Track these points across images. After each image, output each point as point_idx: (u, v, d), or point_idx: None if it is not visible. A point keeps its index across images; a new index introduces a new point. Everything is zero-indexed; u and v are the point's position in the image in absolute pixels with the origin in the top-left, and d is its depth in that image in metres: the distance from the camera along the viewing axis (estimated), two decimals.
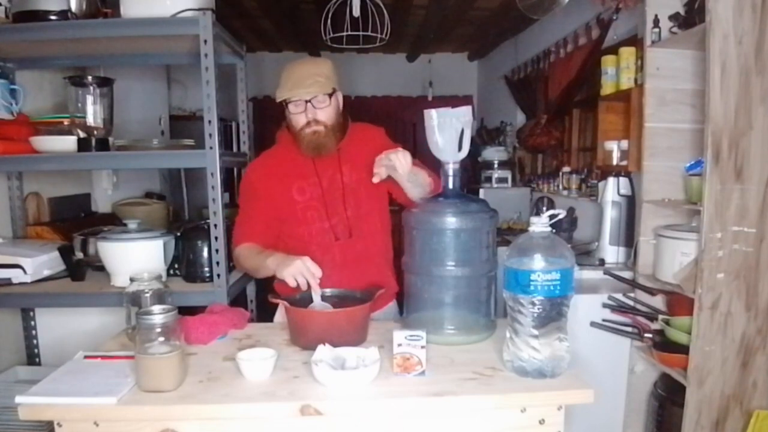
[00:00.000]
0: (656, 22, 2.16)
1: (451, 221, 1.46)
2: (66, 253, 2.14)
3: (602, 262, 2.70)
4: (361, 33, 3.39)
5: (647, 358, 2.22)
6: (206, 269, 2.02)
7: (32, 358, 2.38)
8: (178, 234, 2.08)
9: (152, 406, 1.17)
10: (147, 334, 1.21)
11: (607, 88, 2.76)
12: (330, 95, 1.69)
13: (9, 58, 2.24)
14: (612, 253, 2.72)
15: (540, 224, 1.29)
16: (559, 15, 2.96)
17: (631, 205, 2.67)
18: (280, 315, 1.85)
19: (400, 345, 1.28)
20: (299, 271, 1.51)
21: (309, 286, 1.52)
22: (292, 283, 1.52)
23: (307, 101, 1.66)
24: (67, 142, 1.95)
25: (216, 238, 1.89)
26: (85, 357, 1.40)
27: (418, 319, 1.51)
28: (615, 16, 3.18)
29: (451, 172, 1.52)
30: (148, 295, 1.50)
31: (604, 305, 2.28)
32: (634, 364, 2.31)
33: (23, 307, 2.32)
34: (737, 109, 1.78)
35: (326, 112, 1.69)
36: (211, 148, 1.85)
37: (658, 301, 2.26)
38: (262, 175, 1.80)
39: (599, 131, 2.95)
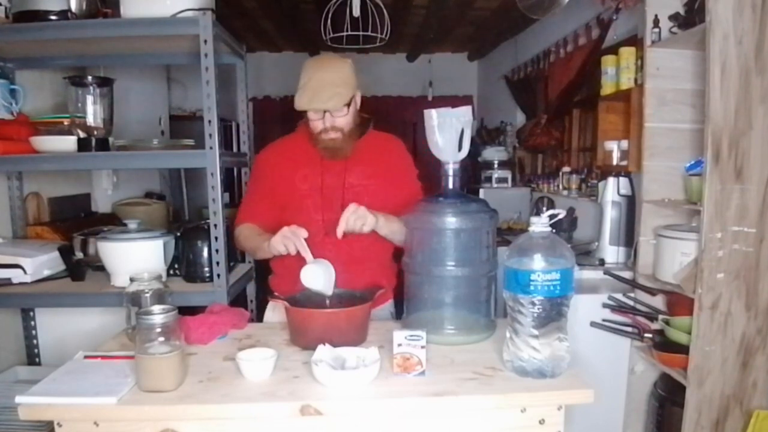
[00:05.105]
0: (656, 22, 2.16)
1: (451, 221, 1.46)
2: (66, 253, 2.14)
3: (602, 262, 2.70)
4: (361, 33, 3.39)
5: (647, 358, 2.22)
6: (206, 269, 2.02)
7: (32, 358, 2.38)
8: (178, 234, 2.08)
9: (152, 406, 1.17)
10: (147, 334, 1.21)
11: (607, 88, 2.76)
12: (349, 103, 1.68)
13: (9, 58, 2.24)
14: (612, 253, 2.72)
15: (540, 224, 1.29)
16: (559, 15, 2.96)
17: (631, 205, 2.66)
18: (270, 314, 1.85)
19: (400, 345, 1.28)
20: (285, 236, 1.54)
21: (306, 288, 1.52)
22: (282, 251, 1.55)
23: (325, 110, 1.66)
24: (67, 142, 1.95)
25: (216, 238, 1.89)
26: (85, 357, 1.40)
27: (418, 319, 1.51)
28: (615, 16, 3.18)
29: (451, 172, 1.52)
30: (148, 295, 1.50)
31: (604, 305, 2.28)
32: (634, 364, 2.31)
33: (23, 307, 2.32)
34: (737, 109, 1.78)
35: (345, 119, 1.70)
36: (211, 148, 1.85)
37: (658, 301, 2.26)
38: (272, 157, 1.83)
39: (599, 131, 2.95)
